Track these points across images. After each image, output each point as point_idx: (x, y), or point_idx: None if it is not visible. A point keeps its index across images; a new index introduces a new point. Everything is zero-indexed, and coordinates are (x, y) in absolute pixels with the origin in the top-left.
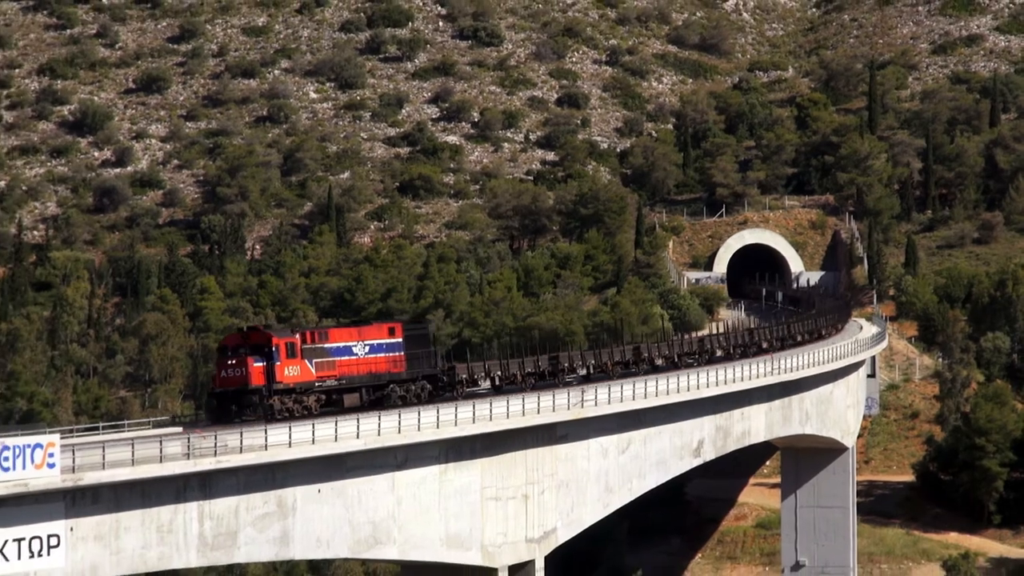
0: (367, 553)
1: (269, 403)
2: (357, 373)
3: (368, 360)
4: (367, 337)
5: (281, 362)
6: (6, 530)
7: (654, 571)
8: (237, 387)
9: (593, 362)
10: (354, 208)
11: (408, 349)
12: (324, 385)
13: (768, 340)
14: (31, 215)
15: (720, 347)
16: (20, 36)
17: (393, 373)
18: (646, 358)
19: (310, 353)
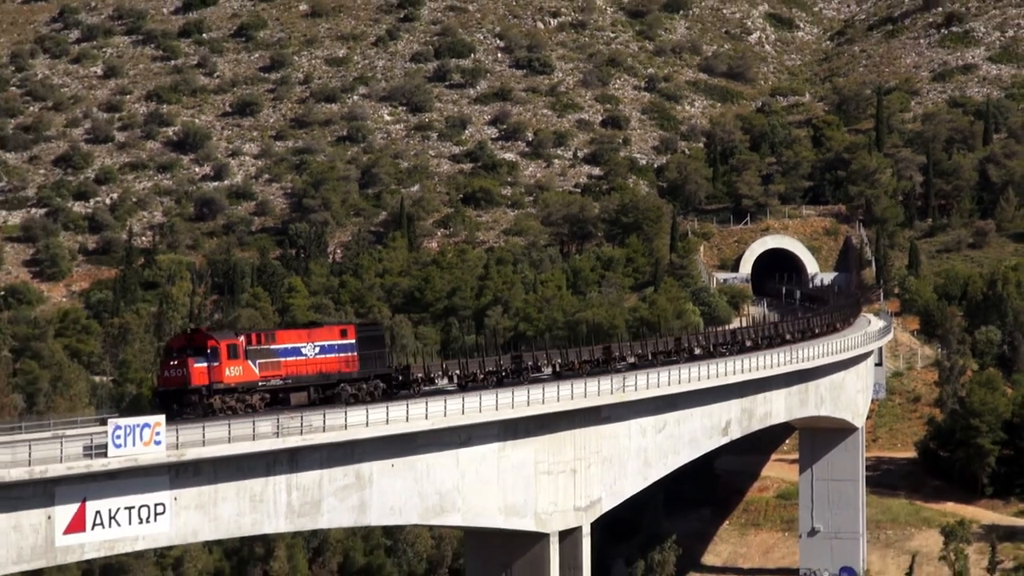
0: (434, 520)
1: (209, 402)
2: (306, 373)
3: (318, 360)
4: (317, 339)
5: (222, 363)
6: (119, 499)
7: (687, 537)
8: (178, 387)
9: (560, 360)
10: (423, 217)
11: (361, 350)
12: (268, 384)
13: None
14: (140, 223)
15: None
16: (131, 66)
17: (344, 373)
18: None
19: (255, 354)
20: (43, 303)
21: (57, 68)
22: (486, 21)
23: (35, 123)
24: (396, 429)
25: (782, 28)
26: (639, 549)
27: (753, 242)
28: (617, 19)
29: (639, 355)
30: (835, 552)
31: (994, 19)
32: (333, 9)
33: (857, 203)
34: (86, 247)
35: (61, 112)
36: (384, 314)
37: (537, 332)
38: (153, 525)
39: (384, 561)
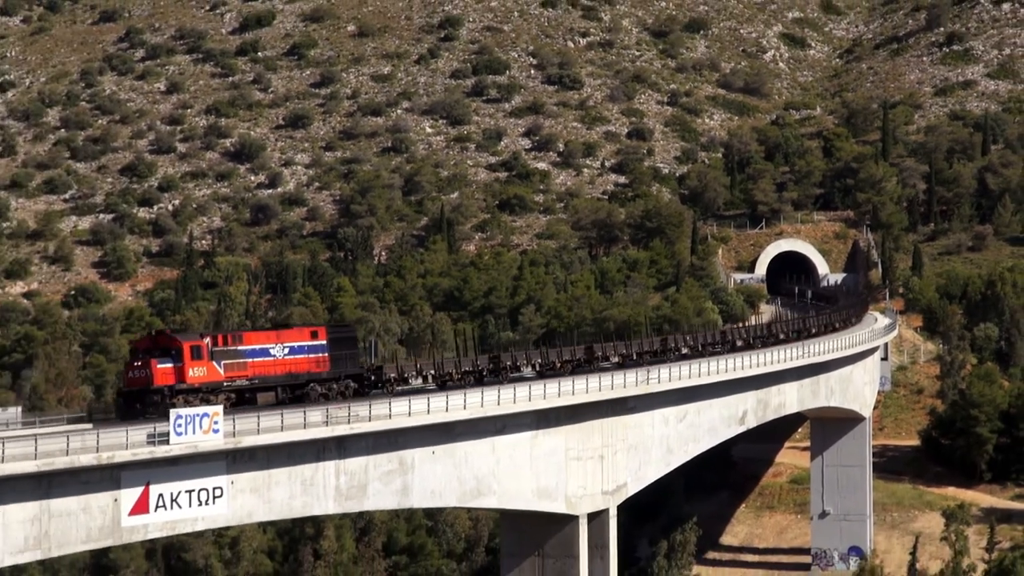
0: (472, 503)
1: (172, 402)
2: (274, 373)
3: (287, 361)
4: (286, 340)
5: (185, 364)
6: (180, 483)
7: (707, 519)
8: (141, 387)
9: (540, 360)
10: (462, 222)
11: (332, 351)
12: (234, 385)
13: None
14: (200, 227)
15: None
16: (191, 83)
17: (314, 373)
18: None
19: (220, 355)
20: (110, 302)
21: (123, 84)
22: (520, 40)
23: (103, 135)
24: (437, 419)
25: (795, 47)
26: (662, 530)
27: (768, 245)
28: (642, 38)
29: (623, 355)
30: (844, 533)
31: (992, 38)
32: (379, 29)
33: (864, 209)
34: (150, 250)
35: (127, 125)
36: (426, 312)
37: (567, 328)
38: (211, 507)
39: (425, 541)
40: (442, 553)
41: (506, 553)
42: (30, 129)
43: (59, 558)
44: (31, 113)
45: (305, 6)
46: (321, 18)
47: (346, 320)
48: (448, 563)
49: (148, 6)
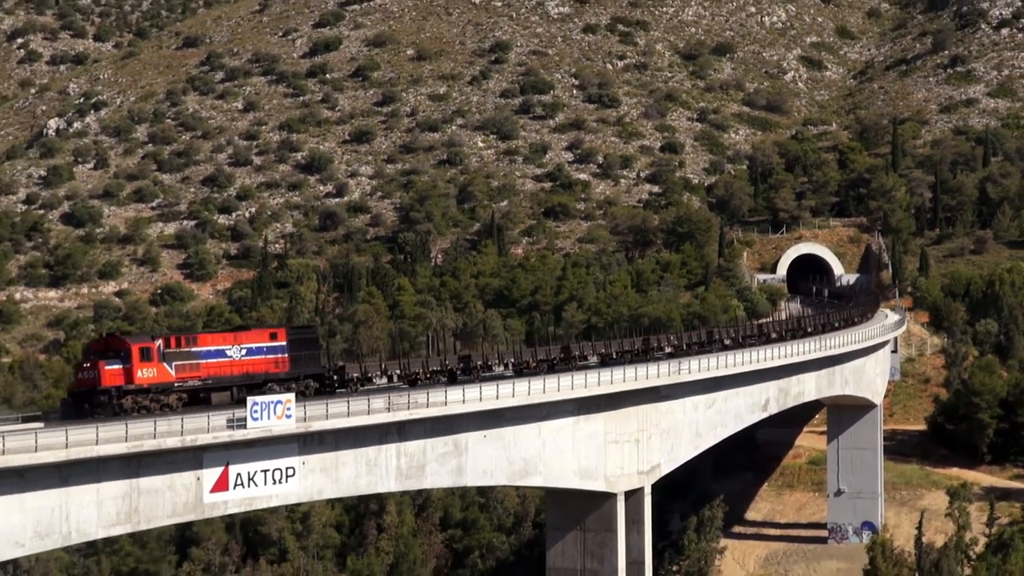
0: (520, 482)
1: (119, 402)
2: (230, 374)
3: (244, 362)
4: (244, 341)
5: (134, 365)
6: (257, 463)
7: (732, 496)
8: (89, 387)
9: (513, 360)
10: (510, 227)
11: (292, 351)
12: (186, 385)
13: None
14: (273, 232)
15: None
16: (266, 102)
17: (272, 373)
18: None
19: (172, 356)
20: (193, 300)
21: (205, 103)
22: (564, 63)
23: (186, 149)
24: (488, 405)
25: (813, 69)
26: (692, 506)
27: (788, 248)
28: (674, 61)
29: (602, 354)
30: (857, 509)
31: (992, 61)
32: (435, 53)
33: (876, 216)
34: (229, 253)
35: (208, 140)
36: (478, 309)
37: (606, 324)
38: (285, 485)
39: (478, 516)
40: (493, 527)
41: (551, 527)
42: (121, 144)
43: (147, 531)
44: (122, 129)
45: (369, 32)
46: (383, 43)
47: (308, 323)
48: (498, 536)
49: (227, 32)
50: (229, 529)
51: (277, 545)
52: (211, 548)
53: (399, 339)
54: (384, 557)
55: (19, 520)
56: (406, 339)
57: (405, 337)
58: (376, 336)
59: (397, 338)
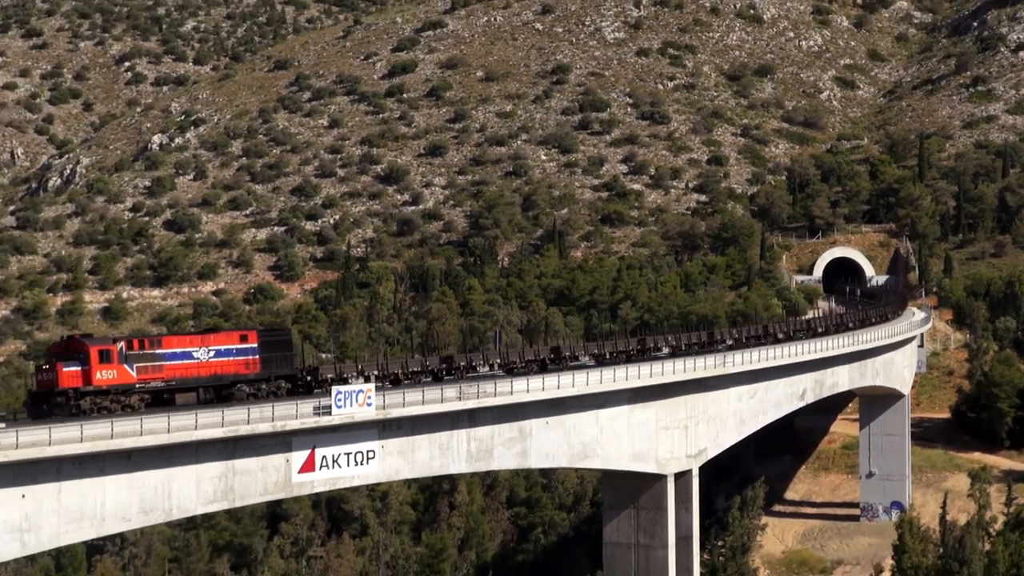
0: (579, 464)
1: (77, 403)
2: (196, 375)
3: (212, 363)
4: (212, 343)
5: (92, 367)
6: (341, 447)
7: (773, 478)
8: (48, 389)
9: (499, 360)
10: (570, 233)
11: (264, 353)
12: (148, 387)
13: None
14: (356, 237)
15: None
16: (349, 119)
17: (243, 374)
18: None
19: (135, 358)
20: (282, 298)
21: (293, 120)
22: (619, 83)
23: (277, 162)
24: (550, 394)
25: (846, 88)
26: (736, 487)
27: (824, 252)
28: (719, 81)
29: (594, 355)
30: (887, 490)
31: (1011, 80)
32: (502, 75)
33: (904, 222)
34: (315, 256)
35: (296, 154)
36: (540, 307)
37: (658, 320)
38: (366, 467)
39: (540, 495)
40: (554, 505)
41: (607, 506)
42: (218, 157)
43: (241, 508)
44: (219, 144)
45: (442, 56)
46: (455, 66)
47: (281, 326)
48: (559, 514)
49: (314, 56)
50: (315, 506)
51: (359, 521)
52: (299, 524)
53: (469, 334)
54: (455, 532)
55: (126, 497)
56: (475, 334)
57: (475, 332)
58: (448, 332)
59: (468, 333)
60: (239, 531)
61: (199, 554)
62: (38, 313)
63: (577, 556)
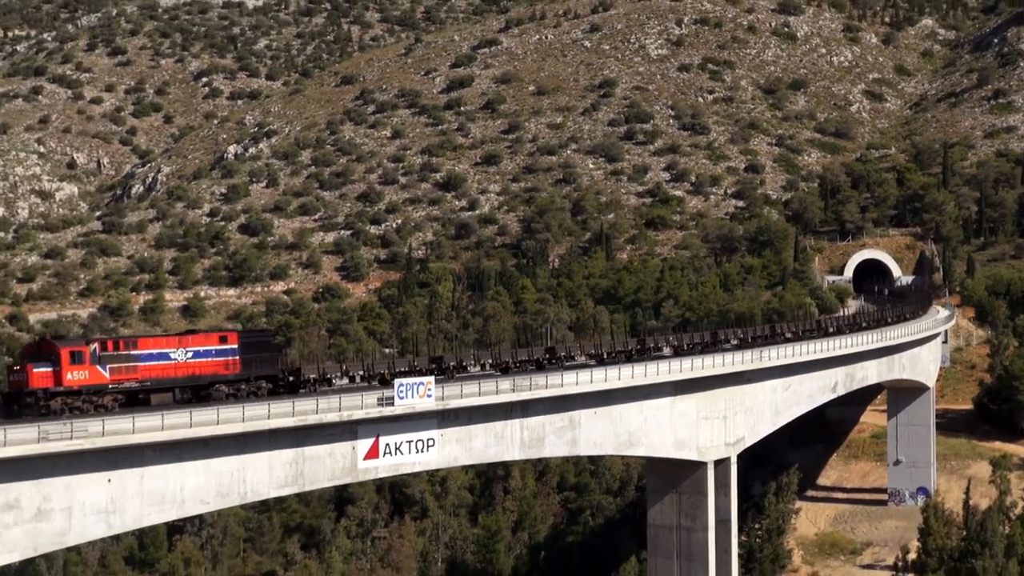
0: (625, 452)
1: (47, 404)
2: (173, 376)
3: (190, 364)
4: (189, 344)
5: (63, 368)
6: (403, 435)
7: (806, 465)
8: (18, 389)
9: (491, 361)
10: (616, 236)
11: (244, 354)
12: (122, 387)
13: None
14: (416, 240)
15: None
16: (410, 130)
17: (222, 375)
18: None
19: (108, 359)
20: (349, 297)
21: (358, 131)
22: (662, 97)
23: (343, 170)
24: (598, 387)
25: (875, 101)
26: (771, 473)
27: (853, 254)
28: (756, 95)
29: (589, 355)
30: (913, 477)
31: None
32: (553, 89)
33: (929, 226)
34: (379, 257)
35: (361, 163)
36: (588, 305)
37: (698, 318)
38: (426, 454)
39: (589, 480)
40: (601, 490)
41: (651, 490)
42: (289, 166)
43: (310, 492)
44: (289, 154)
45: (496, 71)
46: (509, 80)
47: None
48: (606, 498)
49: (377, 72)
50: (379, 490)
51: (419, 504)
52: (364, 506)
53: (522, 331)
54: (509, 515)
55: (204, 482)
56: (527, 331)
57: (527, 329)
58: (503, 328)
59: (520, 330)
60: (308, 513)
61: (271, 534)
62: (122, 311)
63: (623, 537)
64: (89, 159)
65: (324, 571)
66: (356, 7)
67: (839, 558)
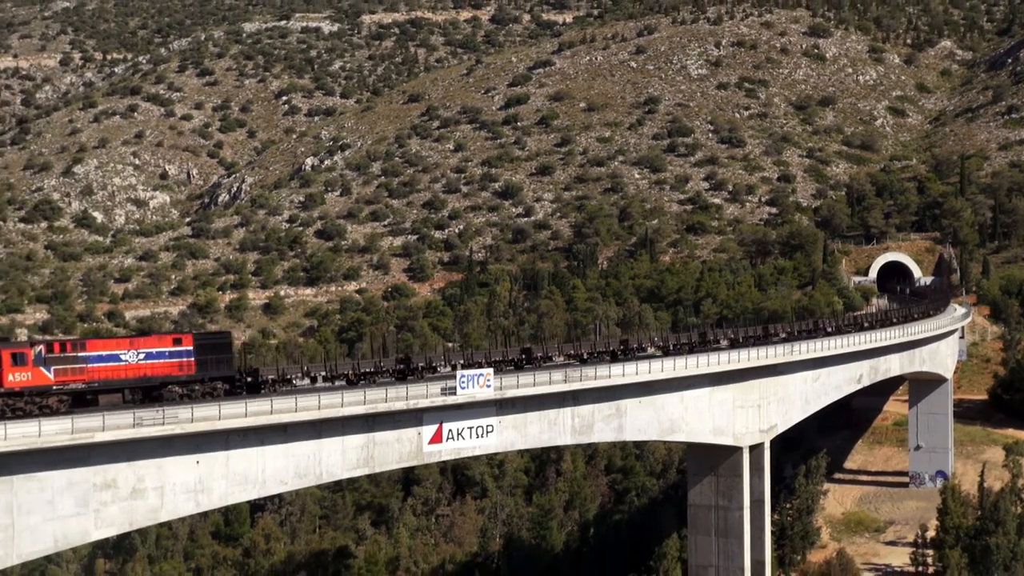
0: (667, 437)
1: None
2: (123, 377)
3: (141, 365)
4: (142, 346)
5: (4, 370)
6: (465, 422)
7: (833, 450)
8: None
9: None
10: (660, 240)
11: (199, 356)
12: (67, 388)
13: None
14: (477, 244)
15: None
16: (471, 143)
17: (175, 376)
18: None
19: (53, 361)
20: (415, 296)
21: (424, 145)
22: (702, 113)
23: (410, 180)
24: (642, 378)
25: (897, 116)
26: (802, 457)
27: (878, 256)
28: (788, 111)
29: (569, 355)
30: (932, 461)
31: None
32: (602, 106)
33: (947, 231)
34: (443, 260)
35: (426, 173)
36: (634, 303)
37: (735, 315)
38: (485, 439)
39: (634, 463)
40: (646, 472)
41: (691, 473)
42: (360, 176)
43: (379, 473)
44: (361, 165)
45: (550, 90)
46: (562, 98)
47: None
48: (650, 480)
49: (441, 91)
50: (442, 472)
51: (479, 485)
52: (428, 487)
53: (573, 326)
54: (561, 495)
55: (283, 464)
56: (578, 326)
57: (578, 325)
58: (556, 324)
59: (572, 326)
60: (378, 493)
61: (344, 512)
62: (210, 308)
63: (665, 516)
64: (180, 170)
65: (392, 546)
66: (422, 31)
67: (864, 535)
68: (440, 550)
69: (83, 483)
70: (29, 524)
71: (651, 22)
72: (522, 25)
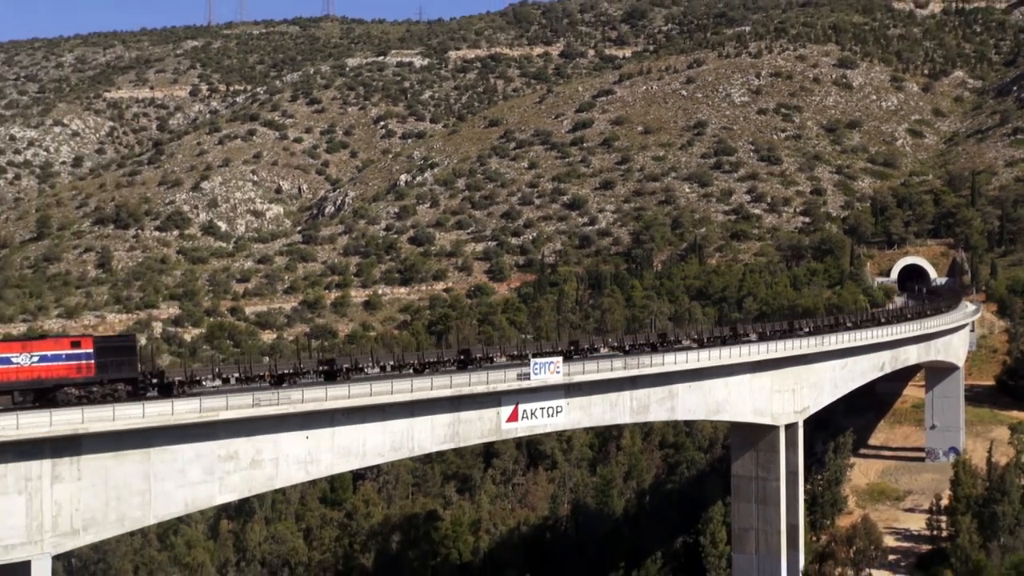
0: (713, 417)
1: None
2: (15, 379)
3: (34, 368)
4: (35, 350)
5: None
6: (536, 403)
7: (858, 429)
8: None
9: (392, 363)
10: (707, 246)
11: (99, 358)
12: None
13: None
14: (548, 249)
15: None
16: (543, 162)
17: (72, 378)
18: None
19: None
20: (494, 294)
21: (502, 163)
22: (744, 134)
23: (490, 194)
24: (691, 366)
25: (916, 137)
26: (831, 435)
27: (898, 260)
28: (819, 133)
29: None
30: (946, 438)
31: None
32: (656, 128)
33: (960, 237)
34: (518, 263)
35: (504, 188)
36: (684, 301)
37: (771, 312)
38: (555, 418)
39: (684, 440)
40: (695, 447)
41: (734, 448)
42: (447, 191)
43: (464, 447)
44: (447, 181)
45: (612, 115)
46: (622, 122)
47: (125, 333)
48: (698, 454)
49: (517, 116)
50: (518, 447)
51: (550, 458)
52: (506, 459)
53: (631, 321)
54: (621, 467)
55: (381, 439)
56: (636, 321)
57: (636, 319)
58: (616, 319)
59: (630, 320)
60: (462, 464)
61: (433, 480)
62: (317, 305)
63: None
64: (292, 186)
65: (475, 510)
66: (500, 65)
67: (886, 503)
68: (516, 514)
69: (209, 455)
70: (164, 489)
71: (700, 56)
72: (587, 59)
